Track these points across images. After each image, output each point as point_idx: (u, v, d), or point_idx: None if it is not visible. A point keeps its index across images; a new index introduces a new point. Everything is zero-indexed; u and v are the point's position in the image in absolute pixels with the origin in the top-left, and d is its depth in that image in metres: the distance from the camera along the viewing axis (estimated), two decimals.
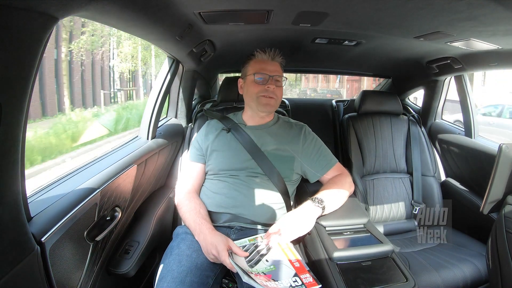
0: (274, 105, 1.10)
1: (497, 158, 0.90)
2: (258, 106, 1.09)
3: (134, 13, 0.74)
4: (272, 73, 1.08)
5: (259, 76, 1.08)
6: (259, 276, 0.78)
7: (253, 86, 1.08)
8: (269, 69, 1.09)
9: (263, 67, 1.09)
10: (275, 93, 1.08)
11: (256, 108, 1.10)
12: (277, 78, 1.09)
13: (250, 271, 0.80)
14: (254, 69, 1.09)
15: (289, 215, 0.94)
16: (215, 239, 0.87)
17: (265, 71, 1.08)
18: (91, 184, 0.84)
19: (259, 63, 1.10)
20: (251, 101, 1.11)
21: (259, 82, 1.08)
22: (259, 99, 1.08)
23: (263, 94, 1.07)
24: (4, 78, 0.48)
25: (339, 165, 1.13)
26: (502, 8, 0.74)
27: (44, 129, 6.29)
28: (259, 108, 1.10)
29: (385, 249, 0.88)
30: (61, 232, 0.70)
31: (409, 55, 1.50)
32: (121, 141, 1.22)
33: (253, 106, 1.11)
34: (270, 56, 1.12)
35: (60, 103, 10.56)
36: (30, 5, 0.47)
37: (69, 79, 11.01)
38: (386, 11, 0.90)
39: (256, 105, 1.09)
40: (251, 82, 1.09)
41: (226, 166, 1.07)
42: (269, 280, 0.77)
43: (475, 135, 1.56)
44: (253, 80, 1.08)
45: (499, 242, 0.90)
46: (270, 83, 1.07)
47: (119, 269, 0.96)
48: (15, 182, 0.55)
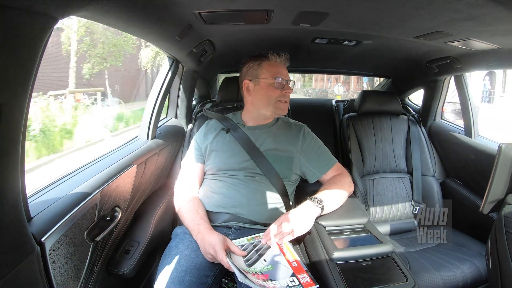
0: (287, 110, 1.13)
1: (497, 158, 0.90)
2: (276, 110, 1.10)
3: (134, 13, 0.74)
4: (287, 78, 1.10)
5: (279, 80, 1.07)
6: (256, 276, 0.78)
7: (271, 91, 1.07)
8: (284, 73, 1.10)
9: (280, 72, 1.09)
10: (288, 97, 1.10)
11: (272, 112, 1.11)
12: (289, 82, 1.10)
13: (247, 270, 0.80)
14: (271, 73, 1.08)
15: (288, 214, 0.95)
16: (213, 239, 0.87)
17: (283, 76, 1.09)
18: (91, 184, 0.84)
19: (275, 67, 1.09)
20: (266, 105, 1.10)
21: (279, 87, 1.07)
22: (277, 104, 1.08)
23: (281, 99, 1.08)
24: (4, 78, 0.48)
25: (339, 165, 1.14)
26: (502, 8, 0.74)
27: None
28: (276, 112, 1.11)
29: (385, 249, 0.88)
30: (61, 232, 0.70)
31: (409, 55, 1.50)
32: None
33: (267, 110, 1.11)
34: (283, 60, 1.12)
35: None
36: (30, 5, 0.47)
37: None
38: (386, 11, 0.90)
39: (273, 109, 1.10)
40: (268, 86, 1.08)
41: (225, 166, 1.07)
42: (266, 280, 0.77)
43: (475, 135, 1.56)
44: (271, 84, 1.07)
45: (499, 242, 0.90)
46: (286, 88, 1.08)
47: (119, 269, 0.96)
48: (15, 182, 0.55)
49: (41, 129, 5.81)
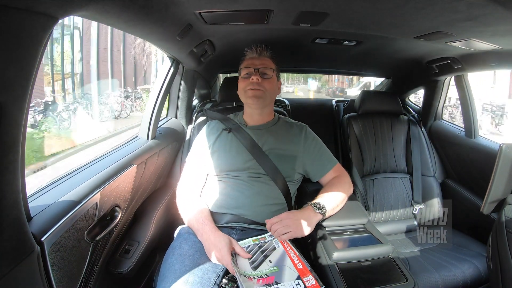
0: (262, 97, 1.08)
1: (497, 158, 0.90)
2: (247, 99, 1.10)
3: (134, 13, 0.74)
4: (257, 66, 1.09)
5: (245, 70, 1.10)
6: (262, 281, 0.78)
7: (241, 82, 1.12)
8: (254, 63, 1.10)
9: (250, 63, 1.11)
10: (262, 85, 1.07)
11: (245, 102, 1.13)
12: (263, 70, 1.09)
13: (253, 276, 0.80)
14: (243, 66, 1.12)
15: (290, 213, 0.95)
16: (219, 241, 0.86)
17: (250, 65, 1.10)
18: (91, 184, 0.84)
19: (247, 60, 1.13)
20: (242, 97, 1.13)
21: (246, 77, 1.10)
22: (246, 93, 1.09)
23: (249, 87, 1.08)
24: (4, 78, 0.48)
25: (339, 165, 1.14)
26: (502, 8, 0.74)
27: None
28: (248, 102, 1.11)
29: (385, 250, 0.88)
30: (61, 232, 0.70)
31: (409, 55, 1.49)
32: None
33: (244, 102, 1.14)
34: (257, 52, 1.13)
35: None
36: (30, 5, 0.47)
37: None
38: (386, 11, 0.90)
39: (245, 99, 1.11)
40: (240, 80, 1.13)
41: (228, 167, 1.07)
42: (271, 284, 0.77)
43: (475, 135, 1.56)
44: (241, 76, 1.11)
45: (500, 242, 0.90)
46: (254, 75, 1.08)
47: (119, 269, 0.96)
48: (15, 182, 0.55)
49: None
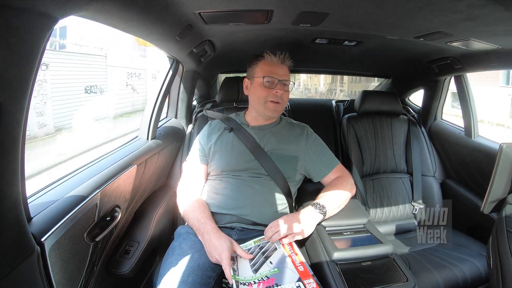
0: (280, 111, 1.10)
1: (498, 158, 0.90)
2: (265, 111, 1.08)
3: (134, 13, 0.74)
4: (281, 77, 1.06)
5: (268, 79, 1.05)
6: (262, 283, 0.78)
7: (261, 90, 1.06)
8: (278, 73, 1.06)
9: (273, 71, 1.06)
10: (282, 97, 1.07)
11: (262, 112, 1.09)
12: (285, 82, 1.07)
13: (253, 280, 0.79)
14: (263, 72, 1.07)
15: (290, 216, 0.95)
16: (220, 244, 0.85)
17: (275, 75, 1.06)
18: (91, 185, 0.84)
19: (269, 66, 1.07)
20: (257, 105, 1.09)
21: (268, 86, 1.06)
22: (266, 104, 1.06)
23: (271, 100, 1.05)
24: (4, 78, 0.48)
25: (341, 166, 1.14)
26: (502, 8, 0.74)
27: None
28: (266, 113, 1.09)
29: (385, 249, 0.88)
30: (61, 233, 0.69)
31: (409, 55, 1.49)
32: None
33: (259, 110, 1.10)
34: (280, 59, 1.09)
35: None
36: (30, 5, 0.47)
37: None
38: (386, 11, 0.90)
39: (263, 109, 1.08)
40: (259, 85, 1.07)
41: (229, 167, 1.06)
42: (271, 287, 0.77)
43: (475, 135, 1.56)
44: (261, 83, 1.06)
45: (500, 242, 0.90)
46: (278, 87, 1.05)
47: (119, 269, 0.96)
48: (15, 182, 0.55)
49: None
